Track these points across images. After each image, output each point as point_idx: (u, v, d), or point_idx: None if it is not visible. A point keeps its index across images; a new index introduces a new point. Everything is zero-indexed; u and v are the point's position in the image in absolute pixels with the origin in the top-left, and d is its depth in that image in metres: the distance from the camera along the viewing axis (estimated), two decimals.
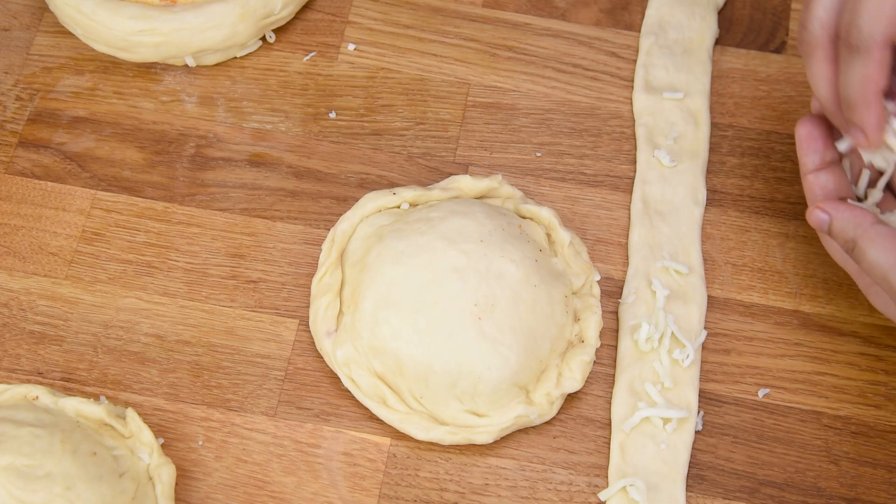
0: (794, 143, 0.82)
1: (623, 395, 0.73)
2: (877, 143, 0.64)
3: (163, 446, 0.71)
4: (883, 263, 0.63)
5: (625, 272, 0.77)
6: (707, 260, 0.78)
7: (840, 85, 0.64)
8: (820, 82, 0.65)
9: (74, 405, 0.68)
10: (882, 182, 0.69)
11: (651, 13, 0.86)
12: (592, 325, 0.73)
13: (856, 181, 0.70)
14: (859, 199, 0.70)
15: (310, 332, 0.75)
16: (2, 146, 0.81)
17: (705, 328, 0.75)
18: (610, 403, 0.73)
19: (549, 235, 0.76)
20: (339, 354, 0.72)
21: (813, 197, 0.69)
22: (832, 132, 0.69)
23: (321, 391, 0.73)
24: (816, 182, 0.69)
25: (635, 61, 0.85)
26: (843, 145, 0.69)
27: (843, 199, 0.68)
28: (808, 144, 0.69)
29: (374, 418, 0.72)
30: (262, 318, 0.76)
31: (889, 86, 0.63)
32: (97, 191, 0.80)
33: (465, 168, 0.81)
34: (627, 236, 0.79)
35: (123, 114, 0.82)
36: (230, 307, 0.76)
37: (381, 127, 0.82)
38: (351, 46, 0.85)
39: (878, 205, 0.70)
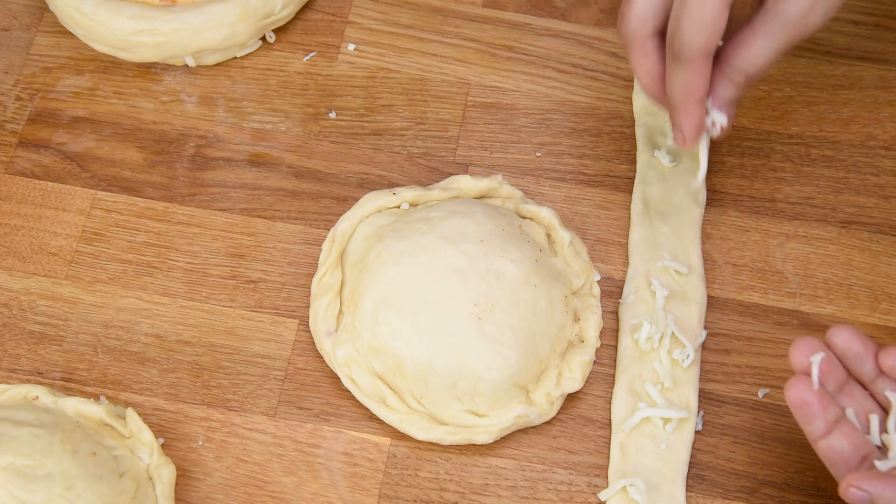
0: (794, 143, 0.82)
1: (623, 395, 0.73)
2: (693, 146, 0.68)
3: (163, 446, 0.71)
4: None
5: (625, 272, 0.77)
6: (707, 260, 0.78)
7: (667, 88, 0.67)
8: (641, 74, 0.67)
9: (74, 405, 0.68)
10: (892, 423, 0.63)
11: None
12: (592, 325, 0.73)
13: (866, 429, 0.64)
14: (879, 448, 0.64)
15: (310, 332, 0.75)
16: (2, 146, 0.81)
17: (705, 328, 0.75)
18: (610, 403, 0.73)
19: (549, 235, 0.76)
20: (339, 354, 0.72)
21: (832, 465, 0.62)
22: (823, 390, 0.63)
23: (321, 391, 0.73)
24: (830, 449, 0.62)
25: None
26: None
27: (867, 460, 0.62)
28: (806, 411, 0.62)
29: (374, 418, 0.72)
30: (262, 318, 0.76)
31: (712, 87, 0.67)
32: (97, 191, 0.80)
33: (465, 168, 0.81)
34: (627, 236, 0.79)
35: (123, 114, 0.82)
36: (230, 307, 0.76)
37: (381, 127, 0.82)
38: (351, 46, 0.85)
39: None
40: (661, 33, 0.67)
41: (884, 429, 0.63)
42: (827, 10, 0.64)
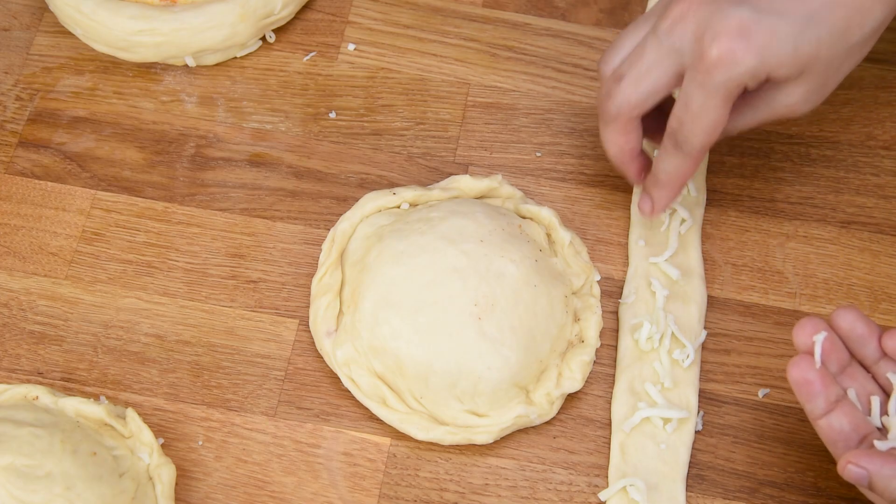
0: (794, 143, 0.82)
1: (623, 395, 0.73)
2: (656, 218, 0.75)
3: (163, 446, 0.71)
4: None
5: (625, 272, 0.77)
6: (707, 260, 0.78)
7: (657, 168, 0.70)
8: (611, 147, 0.71)
9: (74, 405, 0.68)
10: (893, 405, 0.63)
11: None
12: (592, 325, 0.73)
13: (867, 411, 0.64)
14: (879, 429, 0.64)
15: (310, 332, 0.75)
16: (2, 146, 0.81)
17: (705, 328, 0.75)
18: (610, 403, 0.73)
19: (549, 235, 0.76)
20: (339, 354, 0.72)
21: (832, 444, 0.63)
22: (825, 369, 0.63)
23: (321, 391, 0.73)
24: (830, 427, 0.63)
25: None
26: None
27: (867, 440, 0.62)
28: (807, 389, 0.63)
29: (374, 418, 0.72)
30: (262, 318, 0.76)
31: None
32: (97, 191, 0.80)
33: (465, 168, 0.81)
34: (627, 236, 0.79)
35: (123, 114, 0.82)
36: (230, 307, 0.76)
37: (381, 127, 0.82)
38: (351, 46, 0.85)
39: None
40: (643, 115, 0.69)
41: (885, 411, 0.63)
42: (814, 105, 0.68)
